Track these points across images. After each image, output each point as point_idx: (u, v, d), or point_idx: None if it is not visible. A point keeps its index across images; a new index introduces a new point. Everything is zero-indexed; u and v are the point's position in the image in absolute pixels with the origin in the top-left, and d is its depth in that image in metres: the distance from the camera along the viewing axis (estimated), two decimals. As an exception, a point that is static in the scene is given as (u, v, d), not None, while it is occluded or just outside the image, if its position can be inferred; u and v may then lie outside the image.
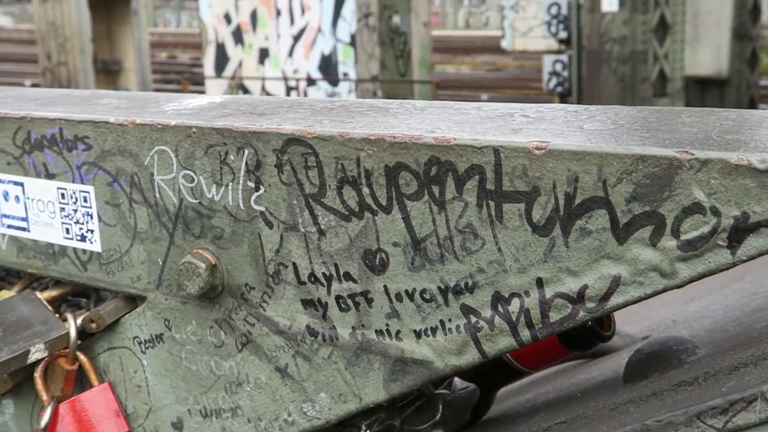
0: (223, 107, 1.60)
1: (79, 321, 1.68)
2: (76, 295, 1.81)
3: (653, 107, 1.41)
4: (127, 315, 1.68)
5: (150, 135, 1.52)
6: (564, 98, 15.23)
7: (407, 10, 15.25)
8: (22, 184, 1.73)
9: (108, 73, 18.59)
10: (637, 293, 1.15)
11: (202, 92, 18.00)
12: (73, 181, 1.65)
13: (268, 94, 15.57)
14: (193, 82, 19.32)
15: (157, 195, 1.54)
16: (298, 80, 14.86)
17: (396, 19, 15.08)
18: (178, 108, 1.63)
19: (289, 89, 15.29)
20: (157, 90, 20.11)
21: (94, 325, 1.67)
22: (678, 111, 1.34)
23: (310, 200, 1.38)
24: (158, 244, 1.58)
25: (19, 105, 1.80)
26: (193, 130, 1.46)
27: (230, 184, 1.45)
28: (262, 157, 1.39)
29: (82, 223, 1.67)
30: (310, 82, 14.95)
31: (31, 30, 40.70)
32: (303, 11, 14.84)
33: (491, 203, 1.22)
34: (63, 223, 1.70)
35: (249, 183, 1.43)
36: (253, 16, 15.45)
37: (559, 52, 15.69)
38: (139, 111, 1.63)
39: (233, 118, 1.48)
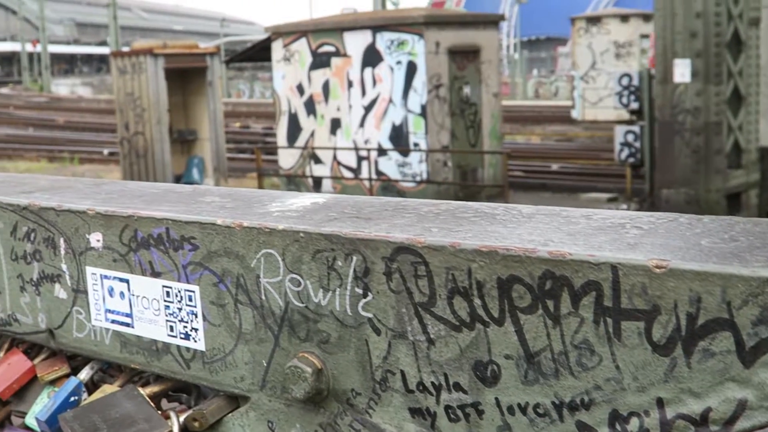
0: (327, 209, 1.62)
1: (181, 419, 1.69)
2: (177, 390, 1.83)
3: None
4: (230, 414, 1.69)
5: (257, 238, 1.54)
6: (636, 169, 15.11)
7: (478, 81, 15.37)
8: (127, 281, 1.76)
9: (183, 143, 19.02)
10: (765, 418, 1.11)
11: (275, 161, 18.25)
12: (179, 280, 1.67)
13: (339, 163, 15.74)
14: (266, 151, 19.64)
15: (263, 297, 1.55)
16: (369, 150, 15.00)
17: (466, 90, 15.20)
18: (283, 209, 1.65)
19: (360, 159, 15.43)
20: (230, 159, 20.47)
21: (196, 424, 1.68)
22: None
23: (420, 309, 1.37)
24: (263, 345, 1.58)
25: (125, 202, 1.85)
26: (301, 234, 1.48)
27: (338, 289, 1.46)
28: (370, 264, 1.40)
29: (187, 322, 1.69)
30: (381, 152, 15.08)
31: (109, 100, 42.00)
32: (374, 83, 15.05)
33: (609, 320, 1.20)
34: (167, 320, 1.72)
35: (357, 289, 1.43)
36: (326, 87, 15.71)
37: (630, 122, 15.61)
38: (244, 211, 1.65)
39: (340, 222, 1.49)
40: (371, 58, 15.01)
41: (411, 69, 14.57)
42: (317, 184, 16.10)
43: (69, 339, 1.92)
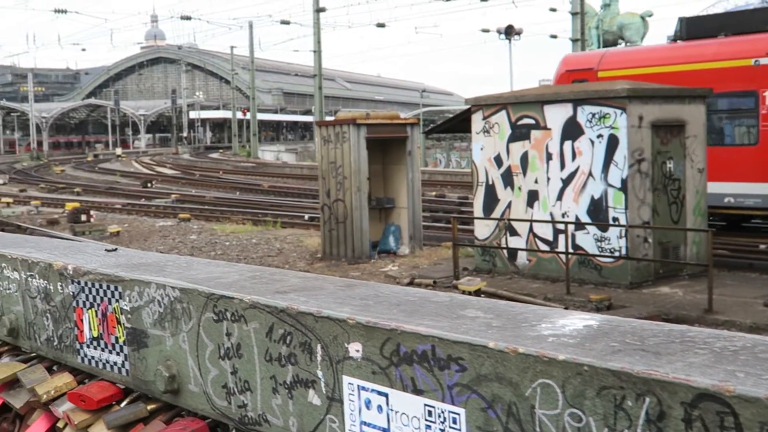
0: (606, 336, 1.53)
1: None
2: None
3: None
4: None
5: (534, 366, 1.47)
6: None
7: (682, 156, 14.87)
8: (386, 395, 1.73)
9: (381, 210, 19.39)
10: None
11: (470, 231, 18.25)
12: (443, 401, 1.62)
13: (535, 236, 15.55)
14: (461, 221, 19.68)
15: (538, 429, 1.48)
16: (566, 224, 14.74)
17: (670, 165, 14.72)
18: (556, 332, 1.58)
19: (557, 232, 15.19)
20: (425, 227, 20.65)
21: None
22: None
23: None
24: None
25: (384, 311, 1.82)
26: (585, 368, 1.40)
27: (625, 430, 1.36)
28: (666, 408, 1.30)
29: None
30: (579, 226, 14.78)
31: (311, 166, 43.64)
32: (574, 156, 14.85)
33: None
34: None
35: None
36: (524, 160, 15.64)
37: None
38: (514, 332, 1.59)
39: (627, 356, 1.40)
40: (571, 131, 14.85)
41: (612, 143, 14.30)
42: (512, 256, 15.96)
43: None
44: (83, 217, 25.50)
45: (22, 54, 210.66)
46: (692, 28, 20.15)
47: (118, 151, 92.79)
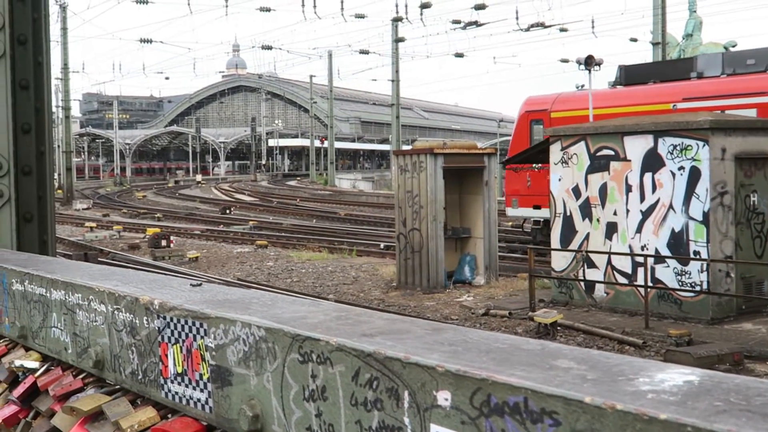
0: (708, 394, 1.49)
1: None
2: None
3: None
4: None
5: (633, 424, 1.43)
6: None
7: (766, 189, 14.52)
8: None
9: (457, 240, 19.35)
10: None
11: (546, 262, 18.06)
12: None
13: (614, 268, 15.31)
14: (538, 252, 19.50)
15: None
16: (645, 257, 14.49)
17: (754, 198, 14.40)
18: (655, 389, 1.54)
19: (635, 265, 14.94)
20: (501, 257, 20.52)
21: None
22: None
23: None
24: None
25: (474, 358, 1.80)
26: (688, 429, 1.36)
27: None
28: None
29: None
30: (658, 259, 14.52)
31: (387, 195, 43.86)
32: (654, 188, 14.61)
33: None
34: None
35: None
36: (603, 191, 15.45)
37: None
38: (610, 387, 1.56)
39: (732, 418, 1.36)
40: (652, 162, 14.63)
41: (694, 175, 14.04)
42: (590, 289, 15.74)
43: None
44: (163, 243, 25.99)
45: (108, 82, 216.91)
46: (629, 75, 23.44)
47: (198, 177, 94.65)
